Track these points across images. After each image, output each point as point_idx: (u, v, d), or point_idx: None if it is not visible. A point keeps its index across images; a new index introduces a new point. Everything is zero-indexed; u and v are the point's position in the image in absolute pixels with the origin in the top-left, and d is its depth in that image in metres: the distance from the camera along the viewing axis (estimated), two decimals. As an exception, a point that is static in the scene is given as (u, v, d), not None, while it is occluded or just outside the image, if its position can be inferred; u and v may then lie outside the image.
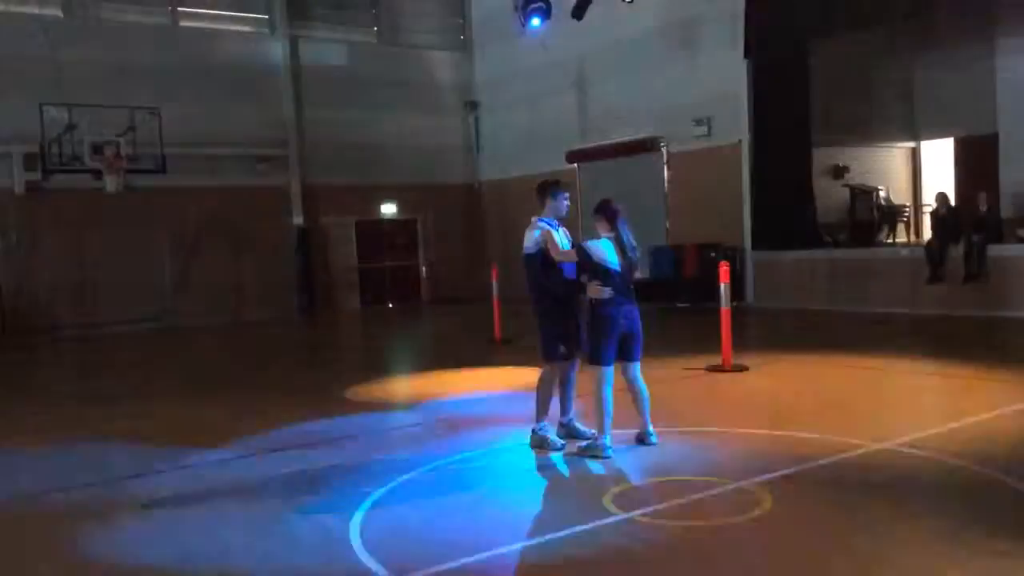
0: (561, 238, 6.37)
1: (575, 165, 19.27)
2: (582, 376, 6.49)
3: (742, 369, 9.22)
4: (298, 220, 19.76)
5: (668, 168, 17.37)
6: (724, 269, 9.50)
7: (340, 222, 20.43)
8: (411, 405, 8.78)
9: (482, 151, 22.16)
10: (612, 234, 6.20)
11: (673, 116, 16.95)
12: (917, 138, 18.62)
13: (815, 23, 15.15)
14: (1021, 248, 12.75)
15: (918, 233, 17.99)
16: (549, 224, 6.39)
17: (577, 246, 6.34)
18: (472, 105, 22.07)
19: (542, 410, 6.42)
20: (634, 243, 6.26)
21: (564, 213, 6.47)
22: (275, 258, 19.37)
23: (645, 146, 17.58)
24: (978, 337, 11.24)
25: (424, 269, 21.61)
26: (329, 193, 20.05)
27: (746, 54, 15.83)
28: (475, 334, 13.88)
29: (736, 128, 16.13)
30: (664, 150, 17.41)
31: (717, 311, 9.26)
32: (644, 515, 4.72)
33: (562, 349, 6.34)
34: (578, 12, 15.31)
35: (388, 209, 21.20)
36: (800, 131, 15.58)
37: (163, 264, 18.24)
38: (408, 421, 7.85)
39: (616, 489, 5.26)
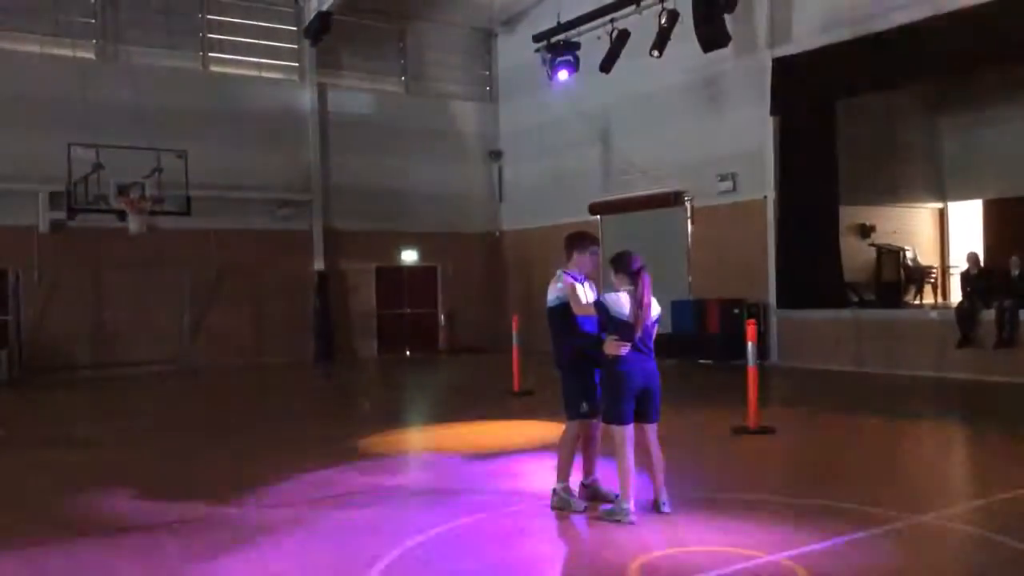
0: (585, 292, 6.20)
1: (598, 217, 19.18)
2: (605, 435, 6.26)
3: (769, 431, 8.94)
4: (318, 265, 19.73)
5: (692, 222, 17.22)
6: (751, 327, 9.28)
7: (360, 268, 20.39)
8: (425, 460, 8.56)
9: (504, 200, 22.15)
10: (631, 288, 6.03)
11: (698, 171, 16.87)
12: (945, 199, 18.42)
13: (841, 82, 15.10)
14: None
15: (945, 295, 17.70)
16: (574, 278, 6.22)
17: (596, 301, 6.17)
18: (496, 155, 22.13)
19: (564, 470, 6.19)
20: (651, 299, 6.04)
21: (590, 269, 6.31)
22: (294, 303, 19.32)
23: (669, 200, 17.47)
24: (1011, 405, 10.90)
25: (443, 317, 21.47)
26: (350, 238, 20.05)
27: (772, 111, 15.77)
28: (494, 385, 13.67)
29: (761, 184, 16.00)
30: (688, 204, 17.29)
31: (740, 368, 9.03)
32: (672, 590, 4.48)
33: (584, 407, 6.13)
34: (607, 65, 15.34)
35: (409, 256, 21.16)
36: (826, 188, 15.42)
37: (183, 306, 18.22)
38: (420, 478, 7.62)
39: (641, 559, 5.00)
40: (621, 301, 5.96)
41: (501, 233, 22.22)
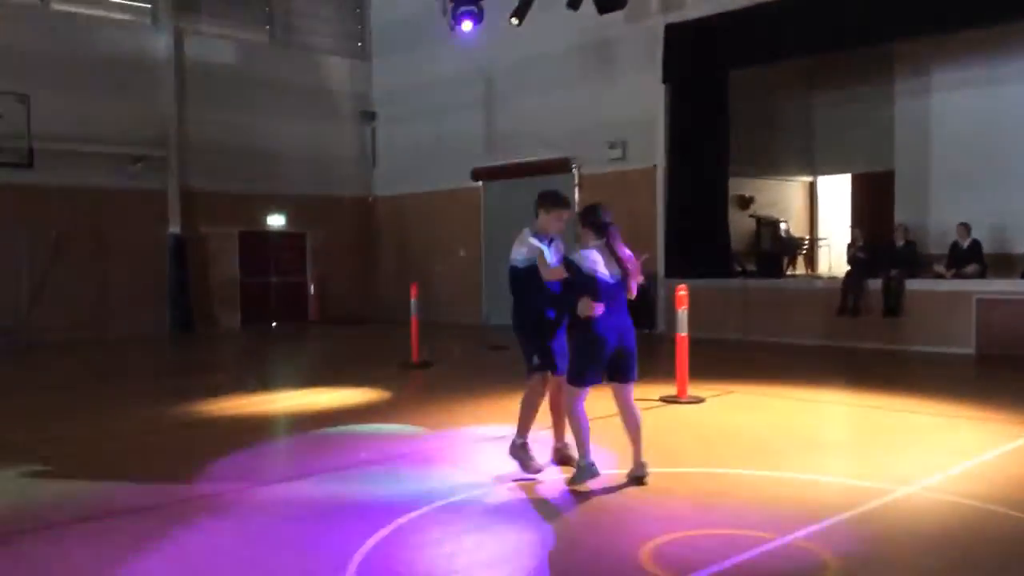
0: (550, 255, 5.70)
1: (480, 183, 18.58)
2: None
3: (698, 400, 8.72)
4: (175, 228, 18.09)
5: (580, 190, 16.90)
6: (681, 293, 9.03)
7: (222, 232, 18.88)
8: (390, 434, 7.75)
9: (378, 164, 21.12)
10: (601, 241, 5.55)
11: (587, 137, 16.54)
12: (816, 172, 18.97)
13: (732, 52, 15.11)
14: (936, 283, 12.92)
15: (814, 267, 18.26)
16: (539, 240, 5.74)
17: (565, 259, 5.67)
18: (369, 115, 21.02)
19: (523, 424, 5.99)
20: (629, 252, 5.61)
21: (556, 231, 5.90)
22: (147, 270, 17.64)
23: (556, 167, 17.06)
24: (919, 372, 11.19)
25: (312, 287, 20.29)
26: (211, 200, 18.50)
27: (664, 79, 15.63)
28: (384, 357, 12.88)
29: (652, 152, 15.87)
30: (576, 171, 16.95)
31: (642, 337, 8.72)
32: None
33: (536, 359, 5.87)
34: (519, 15, 14.58)
35: (276, 221, 19.80)
36: (716, 159, 15.43)
37: (20, 271, 16.22)
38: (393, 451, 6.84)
39: (650, 546, 4.49)
40: (592, 257, 5.48)
41: (375, 199, 21.19)
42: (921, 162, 15.67)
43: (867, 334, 13.03)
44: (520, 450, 5.94)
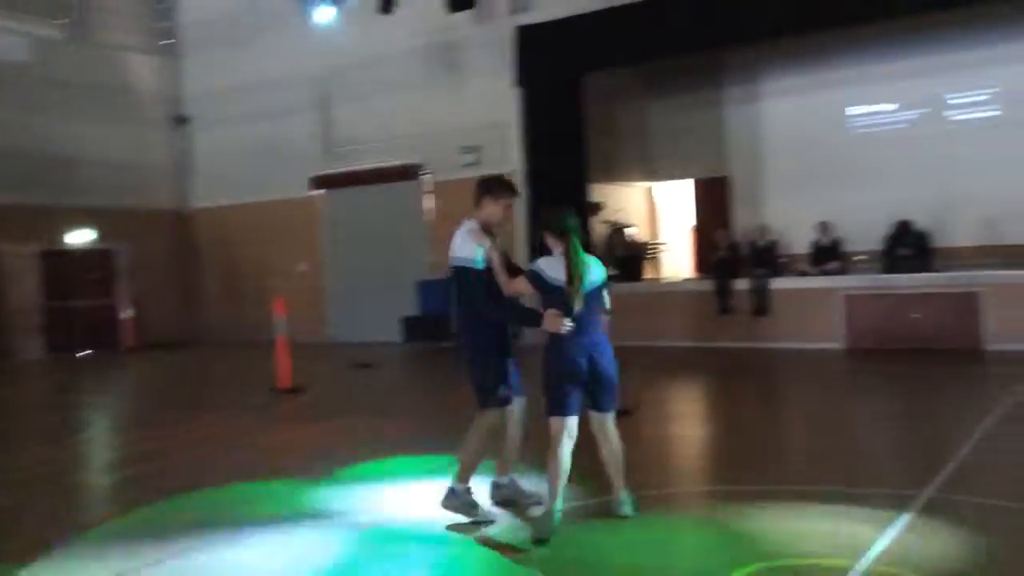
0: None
1: (320, 192, 17.34)
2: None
3: (630, 412, 8.23)
4: (-41, 248, 15.55)
5: (433, 197, 16.11)
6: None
7: (18, 251, 16.42)
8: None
9: (196, 173, 19.26)
10: (562, 248, 4.91)
11: (438, 142, 15.81)
12: (656, 178, 19.23)
13: (584, 56, 14.91)
14: (801, 281, 13.27)
15: (658, 271, 18.47)
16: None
17: (528, 271, 4.99)
18: (182, 120, 19.13)
19: (469, 468, 5.03)
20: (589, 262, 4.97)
21: (498, 222, 5.20)
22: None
23: (405, 173, 16.19)
24: (818, 370, 11.28)
25: (127, 310, 18.10)
26: (4, 215, 16.05)
27: (517, 82, 15.20)
28: (237, 383, 11.57)
29: (508, 158, 15.37)
30: (427, 178, 16.14)
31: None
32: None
33: (502, 390, 4.98)
34: (386, 6, 13.54)
35: (80, 237, 17.50)
36: (574, 164, 15.16)
37: None
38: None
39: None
40: (556, 266, 4.83)
41: (194, 211, 19.30)
42: (754, 166, 16.24)
43: (739, 334, 13.18)
44: (466, 495, 5.02)
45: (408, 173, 16.16)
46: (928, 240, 12.86)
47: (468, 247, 4.95)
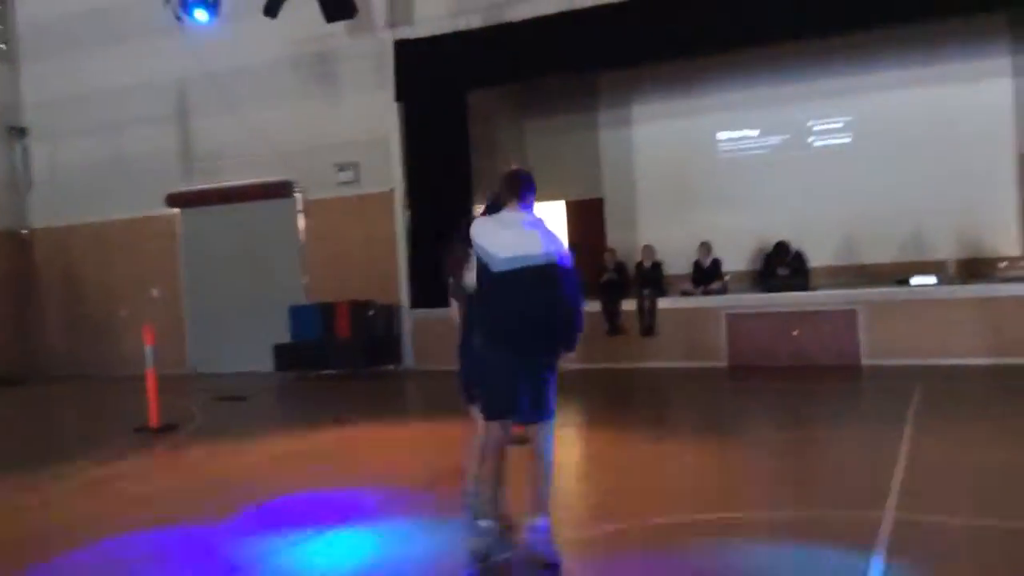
0: None
1: (178, 211, 16.12)
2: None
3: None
4: None
5: (305, 216, 15.29)
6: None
7: None
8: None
9: (34, 190, 17.53)
10: None
11: (311, 159, 15.00)
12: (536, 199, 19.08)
13: (465, 73, 14.60)
14: (683, 301, 13.37)
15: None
16: None
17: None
18: (19, 131, 17.40)
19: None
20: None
21: None
22: None
23: (275, 191, 15.29)
24: (725, 391, 11.30)
25: (-49, 342, 16.19)
26: None
27: (397, 97, 14.68)
28: (97, 423, 10.42)
29: (388, 176, 14.79)
30: (299, 196, 15.31)
31: (385, 376, 7.92)
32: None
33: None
34: (272, 9, 12.65)
35: None
36: (457, 183, 14.74)
37: None
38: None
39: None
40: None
41: (31, 231, 17.53)
42: (627, 189, 16.41)
43: (627, 354, 13.11)
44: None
45: (279, 190, 15.27)
46: (805, 260, 13.26)
47: (546, 242, 4.59)
